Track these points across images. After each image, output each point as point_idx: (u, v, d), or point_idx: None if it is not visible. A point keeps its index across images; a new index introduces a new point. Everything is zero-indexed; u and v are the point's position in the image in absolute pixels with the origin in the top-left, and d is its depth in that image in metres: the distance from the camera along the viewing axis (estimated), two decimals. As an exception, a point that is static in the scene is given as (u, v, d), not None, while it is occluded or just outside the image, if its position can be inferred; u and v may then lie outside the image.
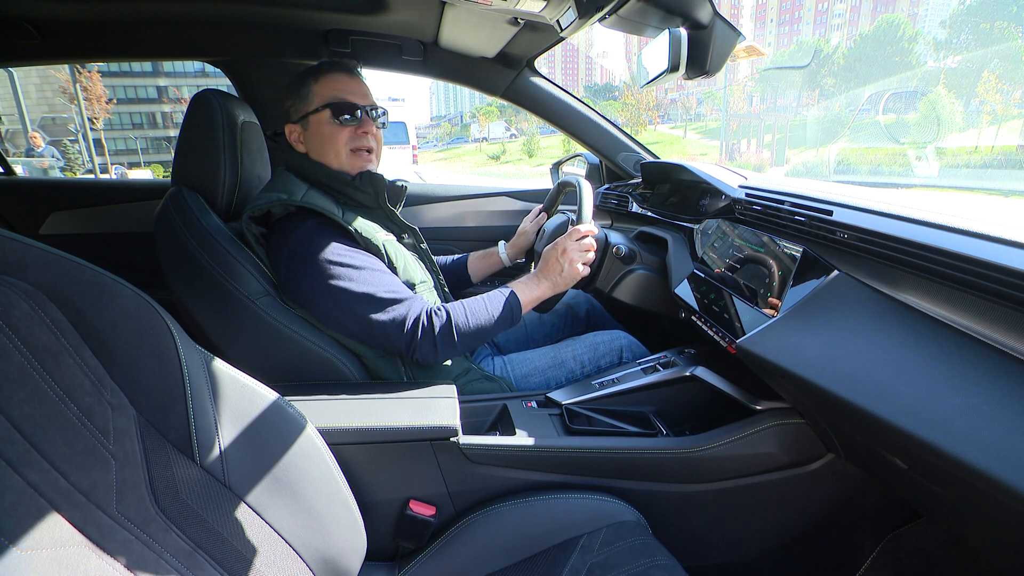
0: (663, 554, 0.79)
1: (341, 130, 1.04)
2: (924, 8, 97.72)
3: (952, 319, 0.60)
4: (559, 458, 0.90)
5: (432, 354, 0.96)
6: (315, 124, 1.04)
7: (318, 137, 1.04)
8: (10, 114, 15.59)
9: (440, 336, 0.95)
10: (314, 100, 1.04)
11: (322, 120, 1.03)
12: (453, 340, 0.96)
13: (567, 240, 1.06)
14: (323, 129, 1.03)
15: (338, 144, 1.04)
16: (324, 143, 1.04)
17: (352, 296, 0.93)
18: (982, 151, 19.91)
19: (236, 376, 0.64)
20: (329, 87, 1.04)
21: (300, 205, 0.96)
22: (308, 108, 1.04)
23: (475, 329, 0.98)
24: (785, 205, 0.89)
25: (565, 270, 1.05)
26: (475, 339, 0.99)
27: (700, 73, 0.94)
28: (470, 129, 79.19)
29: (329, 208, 0.98)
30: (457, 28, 1.35)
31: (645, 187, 1.59)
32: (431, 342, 0.95)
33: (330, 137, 1.03)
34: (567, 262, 1.05)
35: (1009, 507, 0.50)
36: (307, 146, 1.06)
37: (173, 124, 51.22)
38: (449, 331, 0.96)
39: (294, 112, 1.06)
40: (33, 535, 0.43)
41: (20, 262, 0.50)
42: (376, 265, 0.98)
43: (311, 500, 0.66)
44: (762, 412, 0.93)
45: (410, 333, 0.94)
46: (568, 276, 1.06)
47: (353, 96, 1.05)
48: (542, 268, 1.07)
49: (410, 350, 0.95)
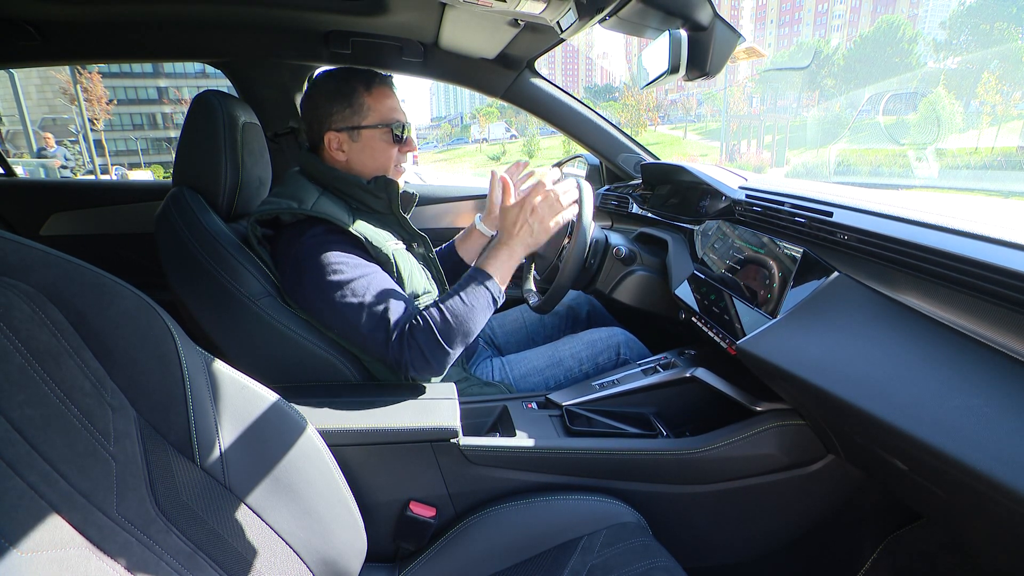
0: (663, 555, 0.79)
1: (393, 148, 1.07)
2: (924, 9, 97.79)
3: (952, 321, 0.61)
4: (559, 459, 0.90)
5: (427, 367, 0.91)
6: (368, 139, 1.04)
7: (369, 152, 1.05)
8: (11, 115, 15.61)
9: (426, 346, 0.90)
10: (370, 115, 1.04)
11: (376, 136, 1.05)
12: (440, 345, 0.90)
13: (530, 198, 0.97)
14: (376, 145, 1.05)
15: (389, 161, 1.07)
16: (376, 158, 1.06)
17: (348, 308, 0.91)
18: (982, 152, 19.92)
19: (236, 377, 0.64)
20: (384, 104, 1.05)
21: (308, 215, 0.95)
22: (362, 121, 1.04)
23: (457, 325, 0.91)
24: (785, 206, 0.89)
25: (535, 229, 0.97)
26: (462, 335, 0.93)
27: (700, 74, 0.94)
28: (470, 130, 79.24)
29: (339, 216, 0.97)
30: (457, 29, 1.36)
31: (645, 188, 1.60)
32: (420, 354, 0.90)
33: (383, 154, 1.06)
34: (537, 220, 0.96)
35: (1009, 509, 0.50)
36: (351, 156, 1.05)
37: (174, 125, 51.29)
38: (432, 337, 0.90)
39: (340, 120, 1.03)
40: (34, 537, 0.43)
41: (21, 263, 0.50)
42: (378, 274, 0.96)
43: (311, 501, 0.66)
44: (762, 413, 0.93)
45: (396, 348, 0.90)
46: (539, 234, 0.97)
47: (402, 115, 1.08)
48: (507, 232, 0.98)
49: (402, 367, 0.91)
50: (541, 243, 0.99)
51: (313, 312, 0.95)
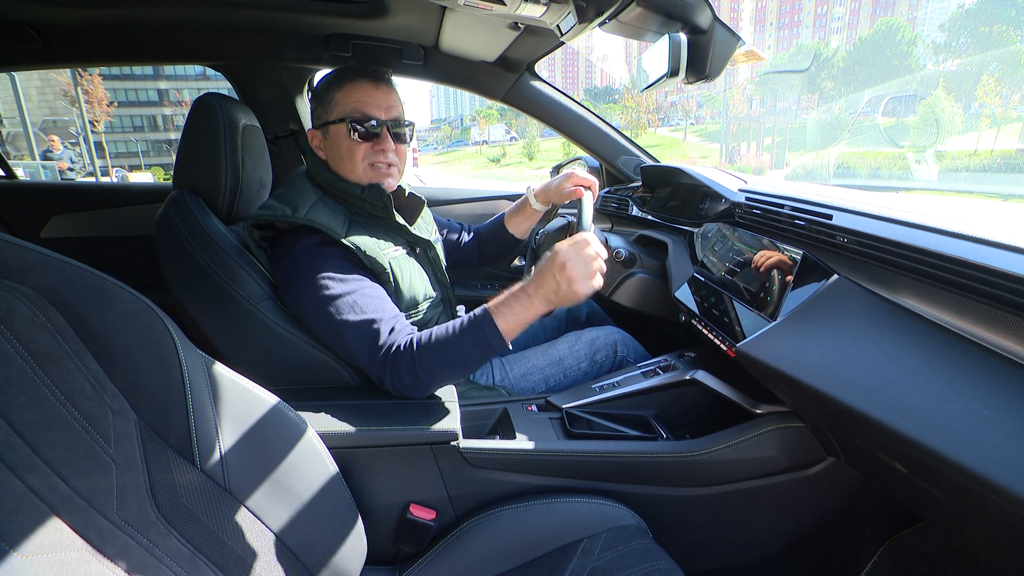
0: (663, 558, 0.79)
1: (359, 145, 1.00)
2: (923, 11, 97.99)
3: (952, 323, 0.61)
4: (559, 462, 0.90)
5: (405, 392, 0.90)
6: (333, 135, 1.01)
7: (335, 149, 1.02)
8: (11, 117, 15.62)
9: (407, 375, 0.87)
10: (335, 109, 1.00)
11: (340, 132, 1.00)
12: (420, 380, 0.87)
13: (567, 250, 0.85)
14: (341, 142, 1.00)
15: (355, 159, 1.00)
16: (341, 156, 1.01)
17: (335, 322, 0.90)
18: (981, 154, 19.92)
19: (236, 380, 0.64)
20: (351, 97, 0.99)
21: (301, 223, 0.94)
22: (328, 117, 1.01)
23: (441, 368, 0.87)
24: (785, 209, 0.89)
25: (562, 289, 0.84)
26: (446, 377, 0.90)
27: (700, 78, 0.94)
28: (470, 132, 79.29)
29: (332, 225, 0.95)
30: (457, 32, 1.36)
31: (645, 191, 1.60)
32: (400, 380, 0.88)
33: (347, 151, 1.00)
34: (565, 280, 0.84)
35: (1009, 511, 0.50)
36: (327, 154, 1.04)
37: (174, 127, 51.37)
38: (413, 371, 0.87)
39: (316, 118, 1.04)
40: (34, 540, 0.43)
41: (21, 266, 0.50)
42: (367, 289, 0.94)
43: (311, 504, 0.66)
44: (762, 416, 0.93)
45: (379, 366, 0.89)
46: (565, 296, 0.85)
47: (375, 109, 1.00)
48: (535, 281, 0.87)
49: (384, 385, 0.90)
50: (564, 305, 0.87)
51: (304, 321, 0.95)
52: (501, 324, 0.87)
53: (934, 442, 0.54)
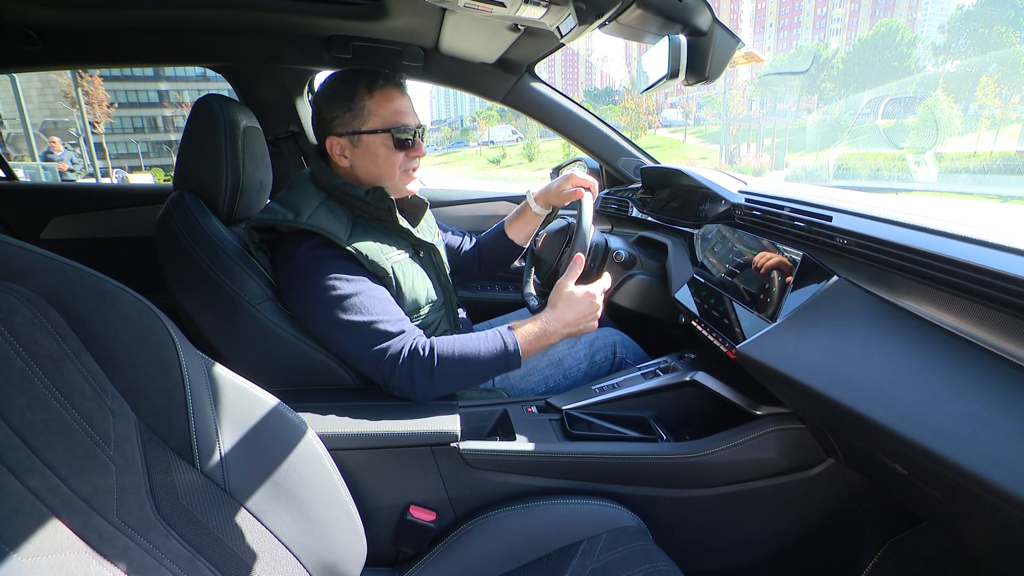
0: (663, 560, 0.79)
1: (398, 154, 1.01)
2: (923, 13, 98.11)
3: (952, 325, 0.61)
4: (559, 463, 0.90)
5: (412, 393, 0.91)
6: (369, 144, 1.00)
7: (371, 158, 1.01)
8: (11, 118, 15.63)
9: (419, 377, 0.90)
10: (370, 119, 0.99)
11: (377, 142, 1.00)
12: (433, 383, 0.90)
13: (588, 300, 0.99)
14: (379, 151, 1.00)
15: (394, 168, 1.02)
16: (379, 165, 1.01)
17: (339, 324, 0.90)
18: (981, 156, 19.94)
19: (237, 381, 0.64)
20: (386, 107, 1.00)
21: (303, 228, 0.94)
22: (362, 126, 0.99)
23: (461, 374, 0.92)
24: (785, 210, 0.89)
25: (581, 327, 1.00)
26: (458, 384, 0.94)
27: (699, 79, 0.94)
28: (470, 133, 79.32)
29: (335, 229, 0.95)
30: (458, 34, 1.36)
31: (645, 192, 1.60)
32: (410, 382, 0.90)
33: (386, 160, 1.01)
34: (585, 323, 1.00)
35: (1009, 513, 0.50)
36: (353, 162, 1.02)
37: (174, 128, 51.42)
38: (431, 374, 0.90)
39: (341, 125, 1.00)
40: (34, 542, 0.43)
41: (22, 268, 0.50)
42: (372, 291, 0.94)
43: (311, 505, 0.66)
44: (762, 417, 0.93)
45: (387, 368, 0.90)
46: (578, 332, 1.00)
47: (408, 117, 1.02)
48: (558, 318, 0.98)
49: (389, 386, 0.92)
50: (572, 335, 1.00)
51: (307, 324, 0.95)
52: (525, 347, 0.95)
53: (933, 443, 0.54)
